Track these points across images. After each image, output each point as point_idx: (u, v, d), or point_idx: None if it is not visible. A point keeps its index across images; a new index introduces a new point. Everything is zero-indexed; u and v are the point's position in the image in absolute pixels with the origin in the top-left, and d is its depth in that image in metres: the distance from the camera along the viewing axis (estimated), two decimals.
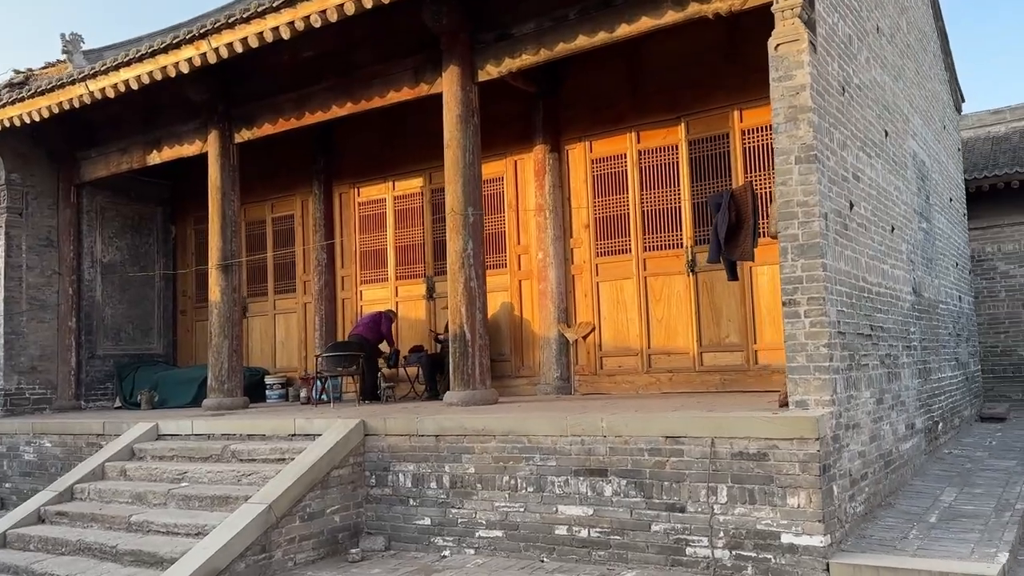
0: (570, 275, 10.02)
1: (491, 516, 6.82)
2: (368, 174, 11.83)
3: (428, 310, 11.20)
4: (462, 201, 8.57)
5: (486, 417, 6.97)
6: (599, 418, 6.38)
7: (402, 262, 11.48)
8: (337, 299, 12.06)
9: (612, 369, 9.68)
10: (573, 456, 6.48)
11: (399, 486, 7.33)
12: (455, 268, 8.53)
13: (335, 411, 9.02)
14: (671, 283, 9.36)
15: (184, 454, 8.34)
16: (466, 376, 8.39)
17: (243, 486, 7.41)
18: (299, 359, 12.42)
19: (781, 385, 8.51)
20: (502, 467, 6.81)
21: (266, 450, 7.80)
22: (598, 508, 6.33)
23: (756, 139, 8.91)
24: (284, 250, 12.69)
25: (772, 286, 8.70)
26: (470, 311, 8.45)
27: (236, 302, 10.59)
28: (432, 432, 7.20)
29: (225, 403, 10.22)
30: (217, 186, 10.59)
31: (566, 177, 10.10)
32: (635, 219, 9.60)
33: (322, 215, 12.08)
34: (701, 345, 9.12)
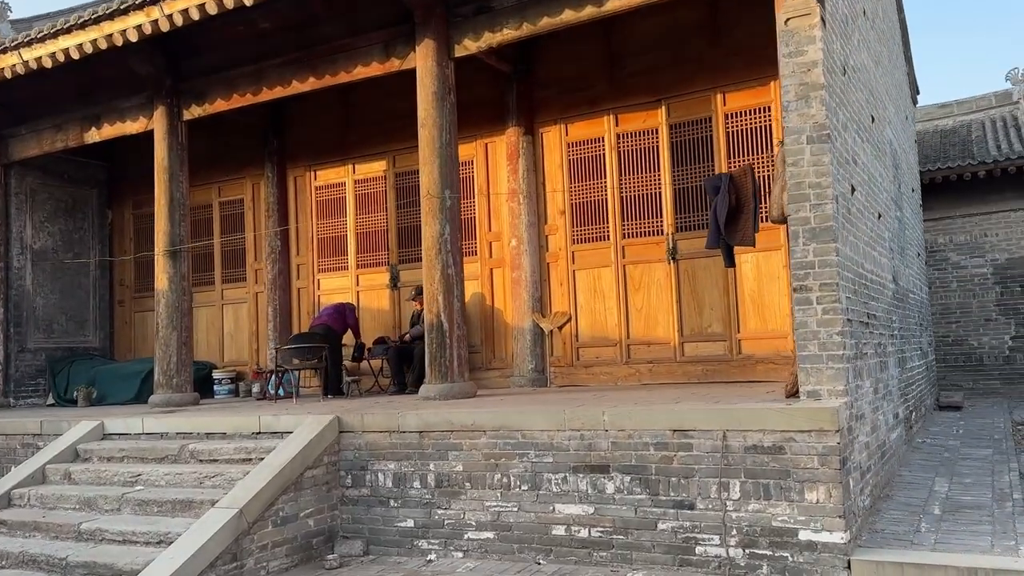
0: (545, 263, 9.65)
1: (481, 516, 6.40)
2: (326, 156, 11.23)
3: (392, 300, 10.69)
4: (439, 183, 8.10)
5: (475, 411, 6.54)
6: (600, 411, 6.02)
7: (364, 249, 10.92)
8: (292, 288, 11.43)
9: (589, 360, 9.35)
10: (572, 452, 6.11)
11: (378, 486, 6.85)
12: (431, 254, 8.06)
13: (300, 407, 8.47)
14: (651, 271, 9.06)
15: (136, 455, 7.68)
16: (444, 368, 7.94)
17: (207, 489, 6.82)
18: (250, 352, 11.75)
19: (765, 375, 8.35)
20: (493, 464, 6.39)
21: (230, 450, 7.21)
22: (599, 506, 5.97)
23: (740, 123, 8.66)
24: (233, 236, 11.99)
25: (756, 274, 8.49)
26: (448, 299, 7.99)
27: (185, 291, 9.90)
28: (415, 428, 6.74)
29: (174, 399, 9.55)
30: (164, 166, 9.88)
31: (540, 161, 9.71)
32: (613, 205, 9.27)
33: (275, 199, 11.42)
34: (683, 335, 8.85)
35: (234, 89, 9.50)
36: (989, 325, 14.47)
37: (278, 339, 11.20)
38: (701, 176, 8.79)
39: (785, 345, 8.33)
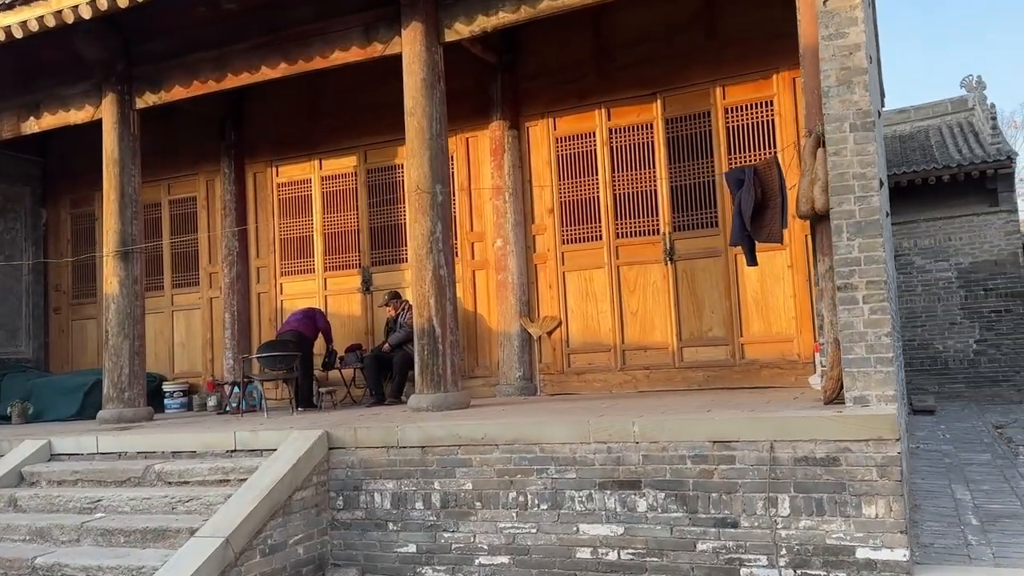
0: (532, 264, 9.11)
1: (494, 540, 5.81)
2: (289, 151, 10.48)
3: (364, 304, 10.00)
4: (429, 177, 7.50)
5: (486, 423, 5.96)
6: (629, 422, 5.51)
7: (332, 251, 10.21)
8: (252, 293, 10.63)
9: (582, 367, 8.84)
10: (597, 467, 5.58)
11: (375, 508, 6.20)
12: (422, 254, 7.44)
13: (273, 421, 7.74)
14: (647, 273, 8.61)
15: (92, 477, 6.85)
16: (436, 377, 7.32)
17: (181, 515, 6.07)
18: (204, 362, 10.89)
19: (771, 380, 7.98)
20: (507, 482, 5.82)
21: (203, 470, 6.46)
22: (630, 526, 5.45)
23: (741, 117, 8.30)
24: (184, 237, 11.12)
25: (759, 275, 8.12)
26: (440, 303, 7.39)
27: (138, 295, 9.04)
28: (417, 443, 6.11)
29: (127, 415, 8.68)
30: (115, 159, 9.02)
31: (527, 156, 9.19)
32: (606, 203, 8.80)
33: (233, 197, 10.61)
34: (681, 339, 8.42)
35: (194, 75, 8.72)
36: (954, 329, 14.51)
37: (236, 348, 10.40)
38: (699, 173, 8.41)
39: (791, 349, 7.99)
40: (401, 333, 8.93)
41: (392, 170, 9.89)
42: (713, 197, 8.34)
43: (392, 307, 9.22)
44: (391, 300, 9.22)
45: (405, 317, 9.04)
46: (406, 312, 9.09)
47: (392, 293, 9.30)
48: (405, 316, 9.05)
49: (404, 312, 9.12)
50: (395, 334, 8.97)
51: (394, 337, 8.94)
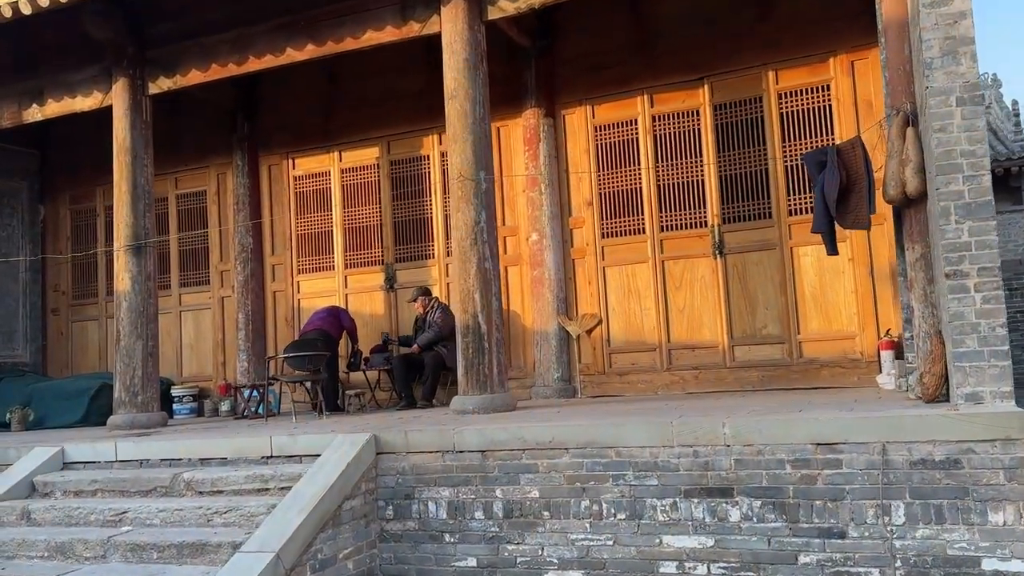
0: (570, 259, 8.64)
1: (565, 552, 5.32)
2: (306, 143, 9.95)
3: (387, 303, 9.48)
4: (472, 164, 7.02)
5: (554, 425, 5.47)
6: (719, 423, 5.04)
7: (354, 247, 9.68)
8: (267, 292, 10.08)
9: (624, 367, 8.37)
10: (683, 472, 5.11)
11: (429, 518, 5.69)
12: (465, 246, 6.95)
13: (307, 425, 7.21)
14: (694, 267, 8.17)
15: (114, 487, 6.28)
16: (482, 377, 6.82)
17: (219, 528, 5.52)
18: (215, 365, 10.32)
19: (832, 380, 7.55)
20: (579, 489, 5.33)
21: (239, 478, 5.91)
22: (721, 537, 4.98)
23: (795, 103, 7.88)
24: (193, 233, 10.55)
25: (818, 268, 7.71)
26: (485, 297, 6.89)
27: (151, 293, 8.48)
28: (477, 447, 5.61)
29: (140, 420, 8.11)
30: (126, 147, 8.46)
31: (563, 146, 8.73)
32: (650, 195, 8.35)
33: (246, 191, 10.06)
34: (732, 338, 7.98)
35: (212, 58, 8.19)
36: None
37: (251, 349, 9.84)
38: (751, 161, 7.98)
39: (853, 347, 7.57)
40: (431, 333, 8.42)
41: (417, 161, 9.40)
42: (766, 187, 7.91)
43: (421, 304, 8.70)
44: (420, 296, 8.69)
45: (435, 316, 8.54)
46: (435, 311, 8.59)
47: (422, 289, 8.77)
48: (435, 315, 8.55)
49: (433, 311, 8.61)
50: (424, 334, 8.45)
51: (423, 338, 8.42)
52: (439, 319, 8.49)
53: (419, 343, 8.40)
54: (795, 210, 7.80)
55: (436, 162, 9.26)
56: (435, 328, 8.42)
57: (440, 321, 8.47)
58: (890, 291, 7.43)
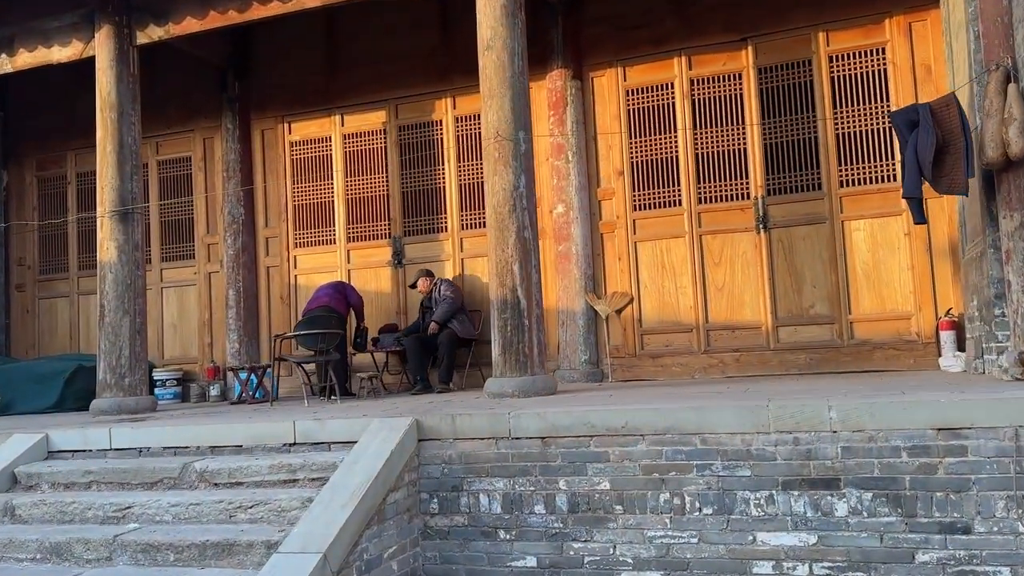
0: (599, 233, 8.04)
1: (641, 551, 4.73)
2: (304, 106, 9.18)
3: (395, 280, 8.78)
4: (511, 122, 6.36)
5: (628, 410, 4.87)
6: (825, 406, 4.49)
7: (357, 220, 8.95)
8: (260, 267, 9.30)
9: (657, 349, 7.81)
10: (780, 462, 4.55)
11: (480, 512, 5.06)
12: (502, 213, 6.30)
13: (327, 410, 6.52)
14: (734, 242, 7.63)
15: (111, 479, 5.51)
16: (521, 357, 6.19)
17: (244, 525, 4.82)
18: (201, 346, 9.51)
19: (885, 363, 7.08)
20: (658, 480, 4.74)
21: (260, 468, 5.21)
22: (826, 534, 4.44)
23: (848, 66, 7.38)
24: (177, 203, 9.71)
25: (871, 244, 7.23)
26: (525, 269, 6.26)
27: (139, 264, 7.68)
28: (536, 433, 4.99)
29: (128, 404, 7.33)
30: (112, 103, 7.63)
31: (591, 111, 8.12)
32: (687, 164, 7.78)
33: (237, 157, 9.26)
34: (776, 318, 7.46)
35: (210, 3, 7.39)
36: None
37: (243, 329, 9.08)
38: (799, 129, 7.46)
39: (908, 327, 7.12)
40: (445, 305, 7.77)
41: (428, 127, 8.70)
42: (815, 156, 7.41)
43: (424, 285, 8.06)
44: (422, 277, 8.06)
45: (443, 291, 7.91)
46: (440, 287, 7.97)
47: (423, 271, 8.16)
48: (442, 290, 7.92)
49: (438, 288, 7.98)
50: (440, 308, 7.79)
51: (440, 311, 7.75)
52: (450, 292, 7.87)
53: (436, 319, 7.73)
54: (846, 181, 7.31)
55: (450, 127, 8.58)
56: (448, 300, 7.80)
57: (451, 294, 7.86)
58: (949, 268, 6.99)
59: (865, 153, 7.26)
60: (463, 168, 8.50)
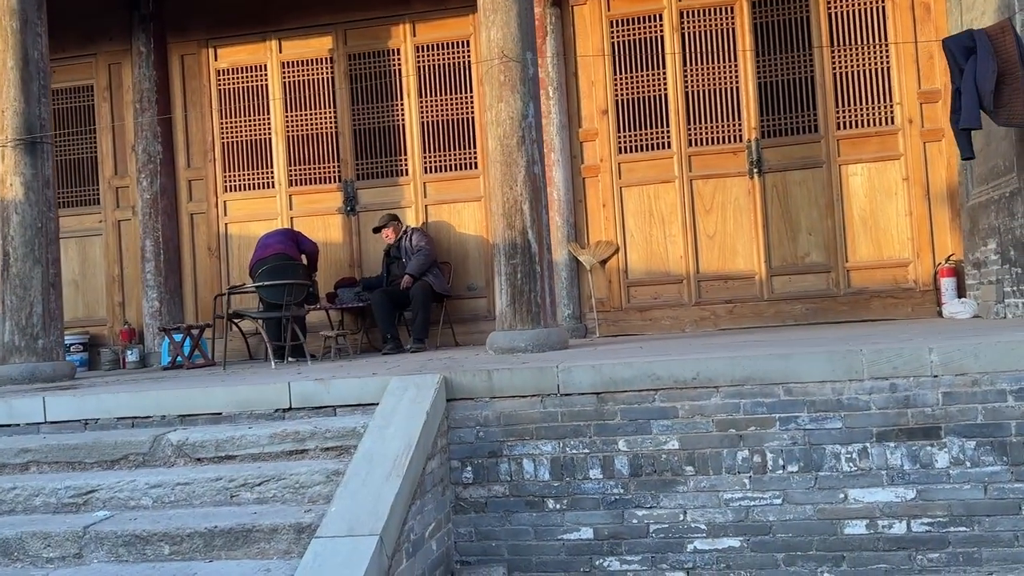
0: (581, 178, 7.43)
1: (716, 516, 4.22)
2: (234, 28, 8.04)
3: (347, 228, 7.85)
4: (518, 40, 5.62)
5: (698, 358, 4.31)
6: (924, 348, 4.09)
7: (300, 160, 7.94)
8: (182, 214, 8.13)
9: (645, 302, 7.31)
10: (875, 412, 4.12)
11: (524, 480, 4.40)
12: (510, 145, 5.58)
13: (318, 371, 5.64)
14: (727, 188, 7.20)
15: (57, 457, 4.47)
16: (534, 307, 5.53)
17: (253, 506, 3.96)
18: (111, 306, 8.26)
19: (883, 312, 6.87)
20: (735, 437, 4.23)
21: (259, 438, 4.32)
22: (925, 487, 4.05)
23: (846, 3, 7.04)
24: (75, 139, 8.35)
25: (868, 189, 6.98)
26: (535, 210, 5.57)
27: (51, 204, 6.45)
28: (590, 388, 4.36)
29: (43, 371, 6.15)
30: (12, 9, 6.34)
31: (571, 43, 7.45)
32: (676, 103, 7.27)
33: (153, 85, 8.01)
34: (771, 267, 7.11)
35: None
36: None
37: (163, 285, 7.93)
38: (795, 67, 7.09)
39: (905, 275, 6.92)
40: (420, 257, 7.00)
41: (384, 56, 7.79)
42: (811, 97, 7.06)
43: (392, 231, 7.24)
44: (392, 223, 7.24)
45: (414, 241, 7.12)
46: (411, 236, 7.18)
47: (390, 215, 7.32)
48: (413, 240, 7.13)
49: (408, 236, 7.18)
50: (415, 260, 6.99)
51: (415, 263, 6.96)
52: (424, 243, 7.09)
53: (412, 272, 6.92)
54: (844, 123, 7.02)
55: (409, 57, 7.70)
56: (424, 252, 7.02)
57: (426, 245, 7.08)
58: (947, 214, 6.83)
59: (863, 95, 6.98)
60: (426, 104, 7.65)
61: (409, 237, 7.19)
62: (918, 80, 6.91)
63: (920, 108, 6.91)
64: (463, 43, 7.61)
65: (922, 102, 6.90)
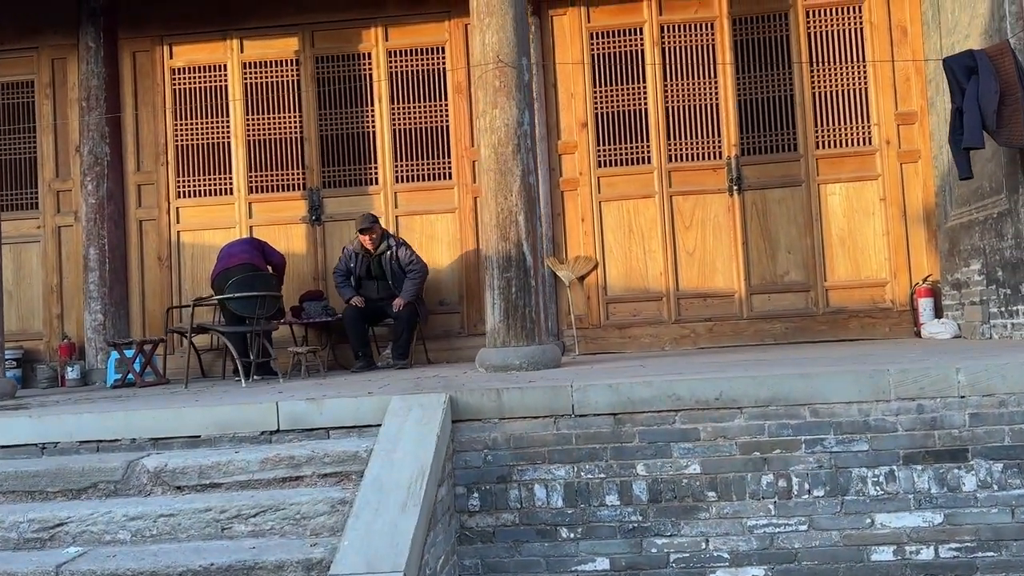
0: (559, 191, 7.22)
1: (740, 543, 4.03)
2: (191, 25, 7.58)
3: (311, 239, 7.44)
4: (514, 45, 5.40)
5: (721, 377, 4.13)
6: (951, 368, 4.00)
7: (261, 167, 7.50)
8: (129, 220, 7.59)
9: (624, 319, 7.13)
10: (901, 433, 4.01)
11: (536, 508, 4.13)
12: (505, 154, 5.34)
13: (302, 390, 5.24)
14: (706, 204, 7.11)
15: (13, 486, 3.99)
16: (528, 323, 5.28)
17: (247, 540, 3.58)
18: (48, 319, 7.65)
19: (860, 332, 6.88)
20: (759, 460, 4.05)
21: (249, 464, 3.93)
22: (952, 512, 3.95)
23: (825, 23, 7.06)
24: (11, 138, 7.73)
25: (847, 208, 6.99)
26: (530, 221, 5.35)
27: None
28: (607, 408, 4.13)
29: None
30: None
31: (551, 54, 7.26)
32: (657, 118, 7.15)
33: (101, 83, 7.47)
34: (750, 285, 7.03)
35: None
36: None
37: (108, 297, 7.38)
38: (774, 85, 7.06)
39: (882, 295, 6.94)
40: (417, 280, 6.61)
41: (354, 60, 7.46)
42: (791, 115, 7.05)
43: (370, 237, 6.72)
44: (373, 225, 6.73)
45: (404, 257, 6.69)
46: (400, 247, 6.74)
47: (370, 215, 6.86)
48: (401, 255, 6.69)
49: (395, 250, 6.72)
50: (409, 282, 6.57)
51: (410, 287, 6.55)
52: (416, 261, 6.68)
53: (408, 299, 6.52)
54: (823, 143, 7.02)
55: (381, 62, 7.39)
56: (419, 273, 6.64)
57: (419, 265, 6.69)
58: (923, 234, 6.88)
59: (842, 115, 7.00)
60: (398, 111, 7.34)
61: (395, 252, 6.72)
62: (895, 101, 6.96)
63: (897, 129, 6.96)
64: (438, 49, 7.35)
65: (899, 123, 6.95)
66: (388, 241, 6.77)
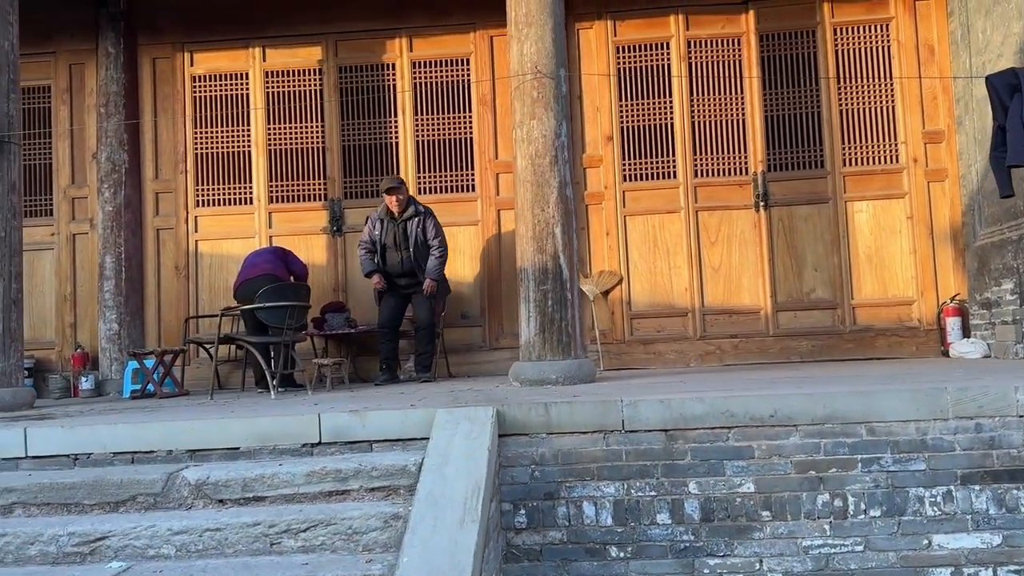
0: (583, 205, 7.15)
1: (794, 564, 3.94)
2: (214, 32, 7.51)
3: (332, 250, 7.35)
4: (552, 56, 5.36)
5: (774, 394, 4.06)
6: (1011, 387, 3.94)
7: (282, 176, 7.42)
8: (147, 229, 7.48)
9: (648, 335, 7.06)
10: (959, 452, 3.94)
11: (584, 525, 4.03)
12: (542, 165, 5.28)
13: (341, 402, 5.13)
14: (732, 220, 7.06)
15: (48, 498, 3.87)
16: (565, 337, 5.21)
17: (298, 555, 3.47)
18: (61, 328, 7.51)
19: (888, 351, 6.83)
20: (814, 479, 3.98)
21: (294, 477, 3.83)
22: (1011, 533, 3.89)
23: (852, 40, 7.06)
24: (27, 144, 7.60)
25: (874, 226, 6.95)
26: (567, 234, 5.28)
27: (16, 212, 5.79)
28: (659, 425, 4.05)
29: (3, 398, 5.44)
30: None
31: (576, 66, 7.22)
32: (683, 133, 7.12)
33: (120, 89, 7.38)
34: (776, 302, 6.98)
35: None
36: None
37: (124, 306, 7.25)
38: (802, 102, 7.05)
39: (909, 313, 6.90)
40: (441, 256, 6.40)
41: (378, 71, 7.40)
42: (818, 132, 7.03)
43: (396, 198, 6.30)
44: (400, 185, 6.34)
45: (430, 229, 6.37)
46: (424, 219, 6.39)
47: (397, 178, 6.55)
48: (428, 227, 6.37)
49: (422, 220, 6.37)
50: (434, 261, 6.35)
51: (435, 266, 6.31)
52: (442, 237, 6.40)
53: (432, 276, 6.34)
54: (850, 160, 7.00)
55: (405, 73, 7.33)
56: (442, 249, 6.41)
57: (443, 240, 6.42)
58: (950, 253, 6.85)
59: (869, 132, 6.99)
60: (421, 122, 7.28)
61: (422, 220, 6.42)
62: (922, 120, 6.95)
63: (924, 148, 6.95)
64: (463, 60, 7.29)
65: (926, 142, 6.95)
66: (416, 207, 6.49)
